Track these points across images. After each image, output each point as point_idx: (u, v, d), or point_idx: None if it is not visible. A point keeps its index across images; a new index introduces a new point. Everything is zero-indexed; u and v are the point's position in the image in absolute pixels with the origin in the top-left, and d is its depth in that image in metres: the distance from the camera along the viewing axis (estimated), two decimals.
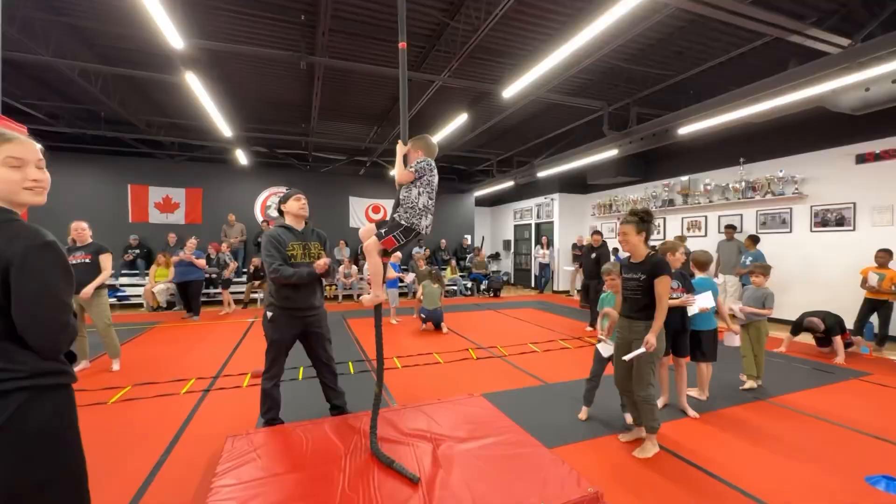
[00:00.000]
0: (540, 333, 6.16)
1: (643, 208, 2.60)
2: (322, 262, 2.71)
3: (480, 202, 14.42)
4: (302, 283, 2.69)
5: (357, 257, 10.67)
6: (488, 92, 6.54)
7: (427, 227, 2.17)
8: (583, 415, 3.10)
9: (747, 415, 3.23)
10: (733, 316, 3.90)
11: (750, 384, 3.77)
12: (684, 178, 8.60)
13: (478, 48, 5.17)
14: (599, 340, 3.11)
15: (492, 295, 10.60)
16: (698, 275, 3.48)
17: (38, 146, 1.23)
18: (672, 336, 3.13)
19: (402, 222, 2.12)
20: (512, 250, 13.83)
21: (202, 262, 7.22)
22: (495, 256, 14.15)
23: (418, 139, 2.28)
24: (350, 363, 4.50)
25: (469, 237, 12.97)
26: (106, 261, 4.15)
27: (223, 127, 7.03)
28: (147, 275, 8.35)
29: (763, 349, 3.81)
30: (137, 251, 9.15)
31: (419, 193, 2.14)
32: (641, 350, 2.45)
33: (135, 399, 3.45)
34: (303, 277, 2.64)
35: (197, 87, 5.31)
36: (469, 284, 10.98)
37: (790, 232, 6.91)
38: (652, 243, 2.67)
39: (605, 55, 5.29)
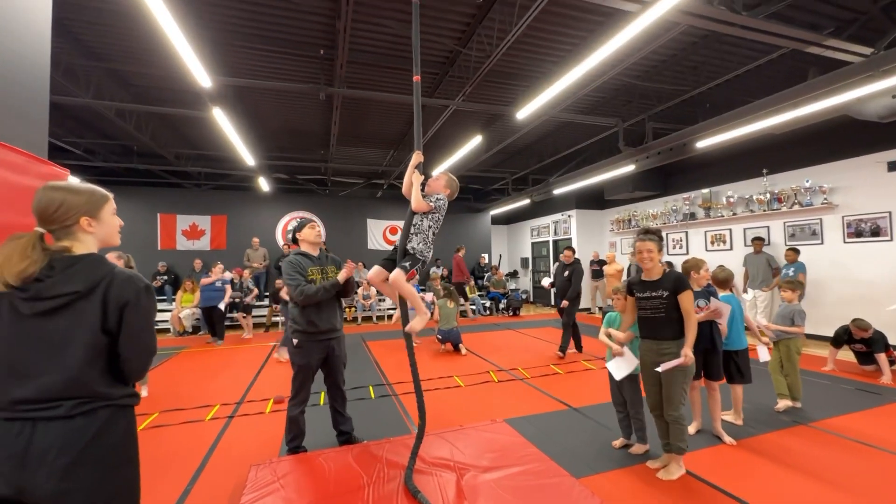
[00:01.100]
0: None
1: (655, 228, 2.61)
2: (348, 268, 2.77)
3: (496, 220, 14.43)
4: (325, 304, 2.75)
5: None
6: (502, 114, 6.63)
7: (429, 257, 2.31)
8: (618, 443, 2.97)
9: (788, 441, 3.05)
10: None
11: (784, 404, 3.58)
12: (705, 191, 8.43)
13: (490, 72, 5.28)
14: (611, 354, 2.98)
15: (511, 314, 10.47)
16: (720, 293, 3.35)
17: None
18: (703, 356, 3.01)
19: (419, 256, 2.24)
20: (530, 268, 13.70)
21: (228, 288, 7.39)
22: (513, 275, 14.05)
23: (447, 177, 2.40)
24: (371, 387, 4.48)
25: (486, 256, 12.94)
26: None
27: (247, 156, 7.33)
28: (174, 300, 8.61)
29: (796, 368, 3.63)
30: (165, 277, 9.47)
31: (429, 227, 2.26)
32: (679, 360, 2.37)
33: (162, 426, 3.51)
34: (328, 290, 2.70)
35: (223, 121, 5.58)
36: (488, 304, 10.89)
37: (822, 243, 6.64)
38: (667, 258, 2.63)
39: (618, 73, 5.32)
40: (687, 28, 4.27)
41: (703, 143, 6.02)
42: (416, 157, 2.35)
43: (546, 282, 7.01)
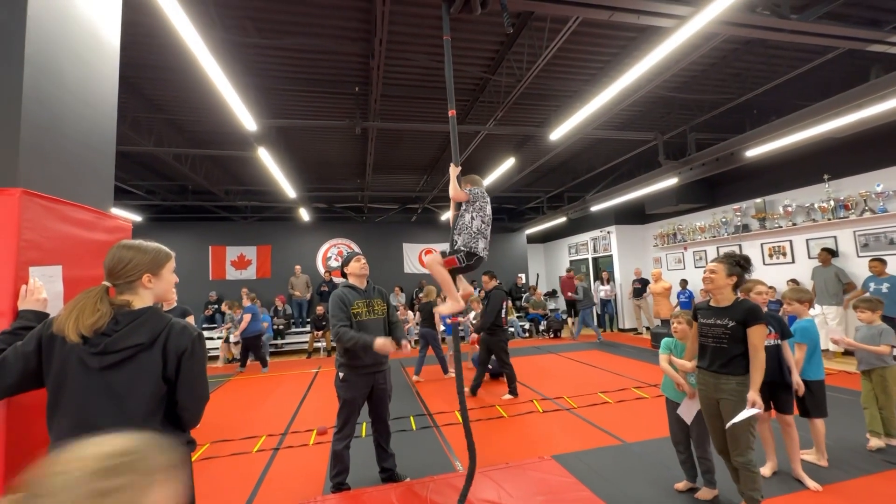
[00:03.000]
0: (609, 380, 5.70)
1: (742, 255, 2.37)
2: (382, 343, 2.57)
3: (532, 239, 14.20)
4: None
5: (412, 302, 10.81)
6: (534, 135, 6.59)
7: (484, 250, 2.23)
8: (681, 485, 2.70)
9: (885, 486, 2.65)
10: (845, 353, 3.32)
11: (876, 443, 3.14)
12: (758, 201, 7.88)
13: (521, 95, 5.28)
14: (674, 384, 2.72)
15: (551, 336, 10.12)
16: (804, 317, 3.02)
17: None
18: (769, 388, 2.72)
19: (461, 247, 2.20)
20: None
21: (247, 318, 7.18)
22: (551, 294, 13.65)
23: (465, 178, 2.41)
24: (412, 418, 4.41)
25: (523, 276, 12.70)
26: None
27: (288, 189, 7.69)
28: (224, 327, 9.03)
29: (893, 400, 3.19)
30: (216, 306, 9.99)
31: (472, 217, 2.24)
32: (752, 412, 2.12)
33: (212, 457, 3.60)
34: (360, 346, 2.65)
35: (267, 159, 5.91)
36: (527, 326, 10.60)
37: None
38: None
39: (655, 87, 5.16)
40: (728, 35, 4.09)
41: (754, 152, 5.66)
42: (454, 170, 2.38)
43: (472, 314, 6.61)
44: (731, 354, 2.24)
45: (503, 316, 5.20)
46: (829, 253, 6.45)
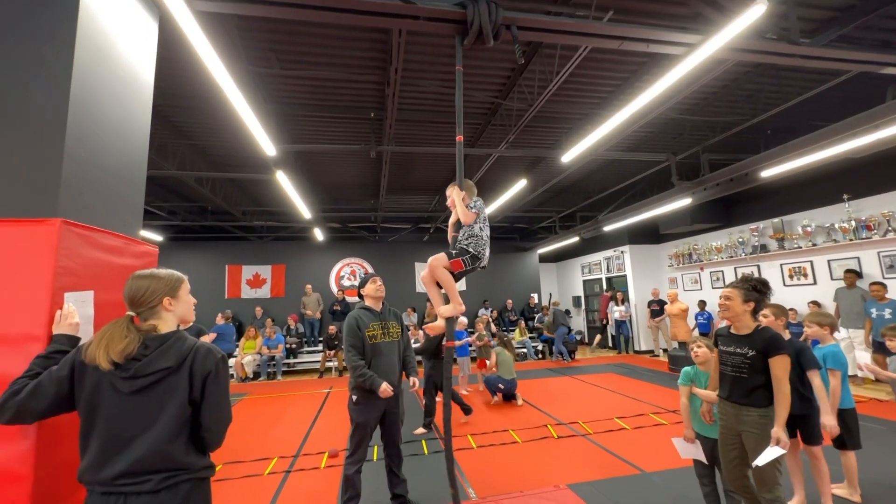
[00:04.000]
0: (626, 405, 5.55)
1: (759, 278, 2.29)
2: (384, 389, 2.67)
3: (544, 258, 14.13)
4: (383, 361, 2.79)
5: (423, 321, 10.77)
6: (545, 156, 6.66)
7: (487, 259, 2.25)
8: None
9: None
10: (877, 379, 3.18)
11: None
12: (776, 221, 7.75)
13: (532, 118, 5.37)
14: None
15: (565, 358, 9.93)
16: (827, 342, 2.89)
17: None
18: (793, 418, 2.60)
19: (471, 249, 2.21)
20: (583, 307, 13.10)
21: (211, 336, 7.05)
22: (565, 314, 13.47)
23: (466, 186, 2.42)
24: (423, 442, 4.35)
25: (535, 296, 12.58)
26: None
27: (304, 210, 7.86)
28: (238, 346, 9.13)
29: None
30: (231, 324, 10.12)
31: (481, 228, 2.27)
32: (778, 452, 2.00)
33: (226, 479, 3.60)
34: (367, 385, 2.68)
35: (284, 182, 6.09)
36: (540, 347, 10.44)
37: None
38: None
39: (666, 109, 5.20)
40: (739, 59, 4.13)
41: (769, 172, 5.61)
42: (459, 195, 2.39)
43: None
44: (752, 385, 2.16)
45: (443, 345, 5.08)
46: (854, 274, 6.27)
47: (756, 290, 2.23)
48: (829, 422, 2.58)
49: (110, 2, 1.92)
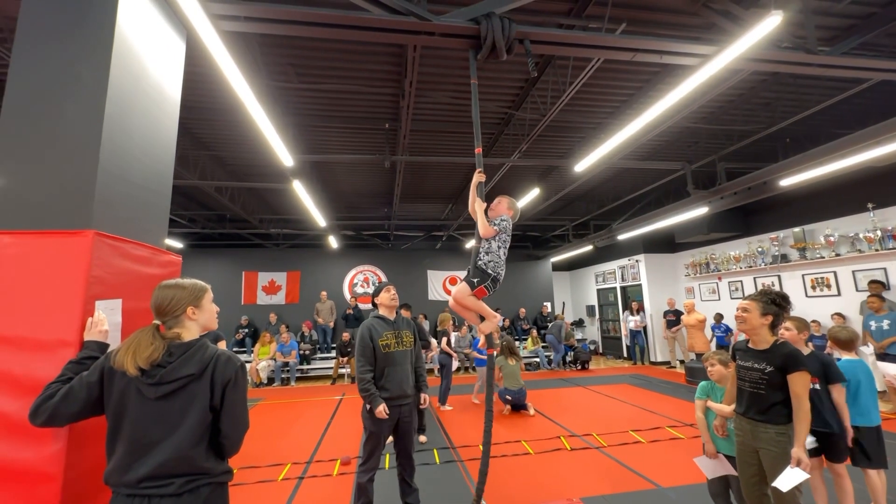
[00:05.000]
0: (641, 417, 5.44)
1: (779, 291, 2.24)
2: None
3: (557, 267, 14.03)
4: (395, 369, 2.81)
5: (435, 329, 10.77)
6: (558, 165, 6.66)
7: (502, 277, 2.24)
8: None
9: None
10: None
11: None
12: (797, 230, 7.56)
13: (545, 128, 5.40)
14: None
15: (579, 368, 9.80)
16: (843, 356, 2.85)
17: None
18: (820, 434, 2.54)
19: (490, 272, 2.18)
20: (597, 316, 12.93)
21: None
22: (578, 323, 13.32)
23: (508, 199, 2.40)
24: (435, 451, 4.34)
25: (549, 304, 12.48)
26: (221, 347, 4.74)
27: (319, 219, 8.01)
28: (253, 352, 9.28)
29: None
30: (247, 330, 10.30)
31: (499, 247, 2.23)
32: (802, 477, 1.92)
33: (240, 484, 3.65)
34: (366, 400, 2.73)
35: (301, 191, 6.22)
36: (553, 356, 10.33)
37: None
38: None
39: (681, 118, 5.17)
40: (755, 68, 4.09)
41: (788, 181, 5.51)
42: (478, 177, 2.36)
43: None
44: (770, 402, 2.11)
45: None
46: (880, 285, 6.06)
47: (775, 303, 2.18)
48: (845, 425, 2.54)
49: (143, 23, 2.03)
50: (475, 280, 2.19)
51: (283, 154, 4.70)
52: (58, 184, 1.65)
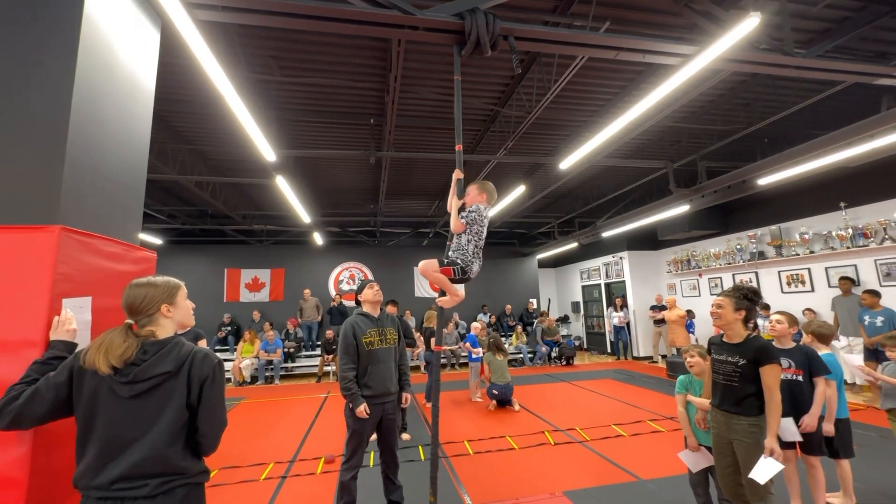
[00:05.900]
0: (624, 411, 5.54)
1: (750, 287, 2.31)
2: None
3: (543, 264, 14.15)
4: (379, 367, 2.79)
5: (422, 326, 10.75)
6: (544, 163, 6.70)
7: (476, 273, 2.24)
8: None
9: None
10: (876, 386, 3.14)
11: None
12: (773, 228, 7.78)
13: (531, 125, 5.42)
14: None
15: (564, 363, 9.92)
16: (822, 350, 2.92)
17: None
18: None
19: (458, 261, 2.20)
20: (582, 312, 13.10)
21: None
22: (564, 319, 13.47)
23: (478, 184, 2.38)
24: (420, 448, 4.34)
25: (535, 301, 12.59)
26: (201, 345, 4.63)
27: (303, 215, 7.90)
28: (236, 350, 9.11)
29: None
30: (229, 328, 10.11)
31: (468, 241, 2.24)
32: (777, 468, 1.98)
33: (221, 485, 3.59)
34: (348, 399, 2.71)
35: (284, 187, 6.12)
36: (537, 350, 10.43)
37: None
38: None
39: (664, 118, 5.24)
40: (734, 69, 4.17)
41: (766, 180, 5.66)
42: (457, 174, 2.41)
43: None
44: (743, 394, 2.17)
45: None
46: (849, 281, 6.29)
47: (747, 298, 2.25)
48: (828, 429, 2.64)
49: (113, 10, 1.95)
50: (445, 260, 2.24)
51: (266, 149, 4.61)
52: (21, 176, 1.58)
